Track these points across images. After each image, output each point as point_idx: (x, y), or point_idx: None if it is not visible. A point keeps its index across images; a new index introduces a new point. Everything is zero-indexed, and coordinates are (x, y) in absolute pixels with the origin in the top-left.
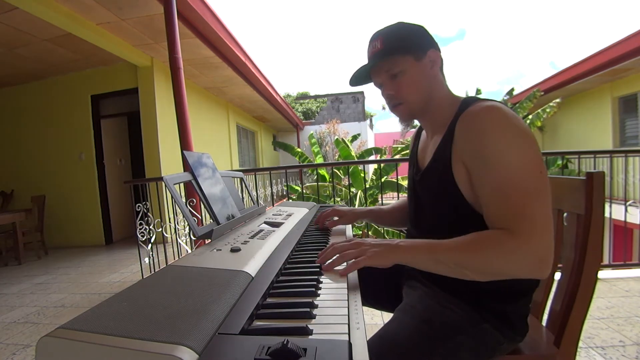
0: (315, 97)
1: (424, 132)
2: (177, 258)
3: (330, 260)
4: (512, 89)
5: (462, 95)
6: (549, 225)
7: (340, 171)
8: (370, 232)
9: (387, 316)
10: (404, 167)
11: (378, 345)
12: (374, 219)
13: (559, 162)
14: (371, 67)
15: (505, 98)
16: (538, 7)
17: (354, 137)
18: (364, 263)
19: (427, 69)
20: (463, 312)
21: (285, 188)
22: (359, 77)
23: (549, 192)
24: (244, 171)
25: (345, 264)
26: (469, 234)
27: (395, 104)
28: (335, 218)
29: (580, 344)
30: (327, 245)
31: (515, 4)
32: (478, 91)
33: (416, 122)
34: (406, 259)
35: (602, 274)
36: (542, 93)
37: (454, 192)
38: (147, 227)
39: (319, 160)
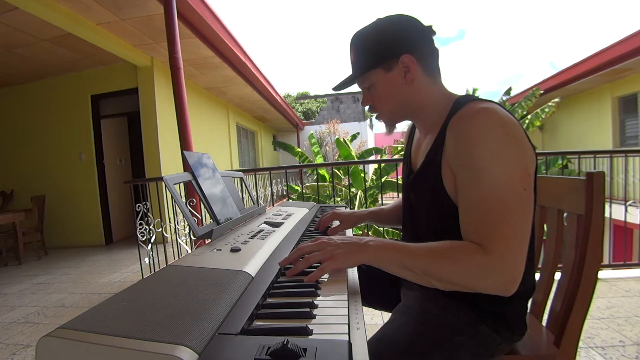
0: (315, 97)
1: (417, 129)
2: (177, 258)
3: (294, 265)
4: (510, 88)
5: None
6: (523, 246)
7: (340, 171)
8: (370, 232)
9: (387, 316)
10: None
11: (376, 347)
12: (375, 220)
13: (559, 162)
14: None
15: (504, 98)
16: (538, 8)
17: (354, 136)
18: (329, 268)
19: (399, 77)
20: (461, 313)
21: (285, 188)
22: (343, 84)
23: (530, 211)
24: (244, 171)
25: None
26: (441, 242)
27: (375, 113)
28: (336, 222)
29: (580, 344)
30: (294, 248)
31: (515, 5)
32: (475, 91)
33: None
34: (372, 260)
35: (602, 274)
36: (542, 92)
37: (444, 198)
38: (147, 227)
39: (319, 160)
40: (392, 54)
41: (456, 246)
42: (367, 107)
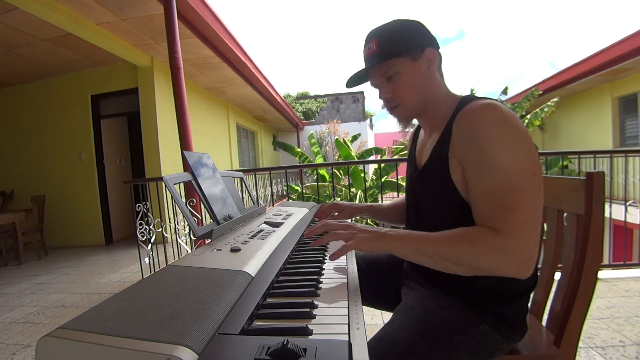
0: (315, 97)
1: (421, 131)
2: (177, 258)
3: (319, 237)
4: (506, 88)
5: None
6: (536, 228)
7: (340, 171)
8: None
9: (387, 316)
10: (404, 167)
11: (377, 347)
12: (374, 214)
13: (561, 162)
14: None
15: (502, 98)
16: (537, 8)
17: (354, 137)
18: (353, 247)
19: (424, 68)
20: (461, 313)
21: (285, 188)
22: (356, 79)
23: (540, 194)
24: (244, 171)
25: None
26: (456, 229)
27: (392, 107)
28: (336, 213)
29: (580, 344)
30: (318, 222)
31: (515, 5)
32: (472, 91)
33: (414, 121)
34: (392, 248)
35: (602, 274)
36: (541, 92)
37: (452, 190)
38: (147, 227)
39: (319, 160)
40: (419, 45)
41: (470, 231)
42: (382, 102)
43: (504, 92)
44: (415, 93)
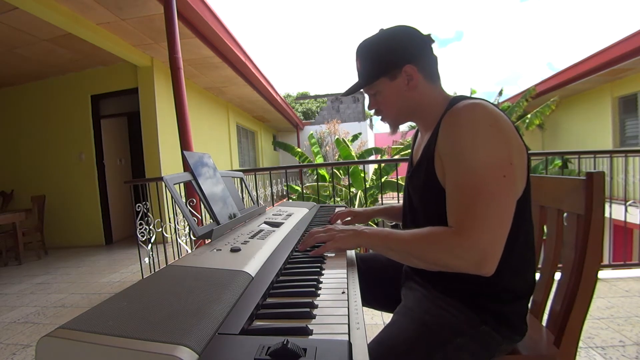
0: (315, 97)
1: (419, 130)
2: (177, 258)
3: (304, 242)
4: (502, 89)
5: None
6: (495, 228)
7: (340, 171)
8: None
9: (387, 316)
10: (404, 167)
11: (377, 350)
12: (387, 216)
13: (557, 161)
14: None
15: (499, 99)
16: (535, 9)
17: (354, 137)
18: (330, 247)
19: (403, 85)
20: (461, 314)
21: (285, 188)
22: (351, 91)
23: (508, 197)
24: (244, 171)
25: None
26: (424, 228)
27: (379, 116)
28: (349, 218)
29: (580, 344)
30: (296, 245)
31: (513, 6)
32: (472, 92)
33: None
34: (366, 244)
35: (602, 274)
36: (537, 91)
37: (437, 187)
38: (147, 227)
39: (319, 160)
40: (396, 65)
41: (434, 230)
42: (372, 111)
43: (500, 93)
44: (396, 107)
